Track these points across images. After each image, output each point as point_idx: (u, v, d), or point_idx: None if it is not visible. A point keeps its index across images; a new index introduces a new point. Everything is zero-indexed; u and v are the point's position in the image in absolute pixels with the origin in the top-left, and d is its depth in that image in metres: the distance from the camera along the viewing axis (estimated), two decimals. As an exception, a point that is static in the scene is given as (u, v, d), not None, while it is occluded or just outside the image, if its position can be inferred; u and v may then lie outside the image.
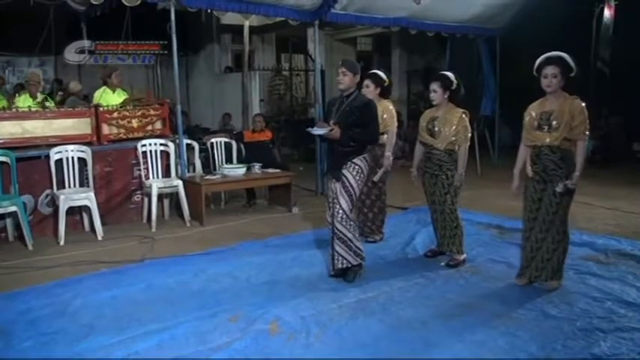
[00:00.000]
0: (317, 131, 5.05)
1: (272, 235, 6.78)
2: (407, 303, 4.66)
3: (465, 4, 9.99)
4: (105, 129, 7.30)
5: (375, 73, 6.32)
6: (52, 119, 6.98)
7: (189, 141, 8.23)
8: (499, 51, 11.70)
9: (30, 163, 6.74)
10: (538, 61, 4.71)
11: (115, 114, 7.43)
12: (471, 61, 11.96)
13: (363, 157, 5.07)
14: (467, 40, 11.54)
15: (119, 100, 7.92)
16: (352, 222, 5.06)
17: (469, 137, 5.51)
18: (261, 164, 7.94)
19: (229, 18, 10.73)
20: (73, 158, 6.85)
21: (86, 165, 6.97)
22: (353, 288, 4.93)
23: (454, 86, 5.47)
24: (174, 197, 7.70)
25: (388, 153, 6.20)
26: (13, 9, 8.60)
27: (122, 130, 7.47)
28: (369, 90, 6.20)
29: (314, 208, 7.79)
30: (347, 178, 5.00)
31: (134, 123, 7.57)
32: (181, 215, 7.44)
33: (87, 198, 6.71)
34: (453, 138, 5.42)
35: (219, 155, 8.48)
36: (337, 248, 5.03)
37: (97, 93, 8.03)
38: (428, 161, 5.64)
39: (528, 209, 4.92)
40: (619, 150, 11.82)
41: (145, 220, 7.44)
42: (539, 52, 4.77)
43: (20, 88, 8.89)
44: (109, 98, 7.89)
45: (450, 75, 5.54)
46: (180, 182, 7.38)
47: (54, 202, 6.75)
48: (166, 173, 7.67)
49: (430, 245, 6.05)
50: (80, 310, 4.58)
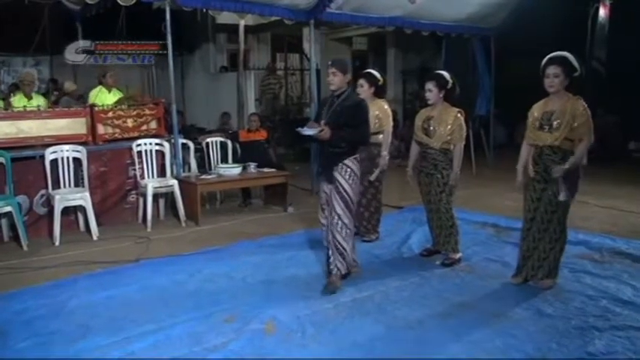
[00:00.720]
0: (307, 132, 4.92)
1: (267, 235, 6.78)
2: (402, 302, 4.67)
3: (460, 4, 9.99)
4: (100, 129, 7.28)
5: (369, 73, 6.33)
6: (47, 119, 6.96)
7: (184, 140, 8.22)
8: (494, 50, 11.71)
9: (25, 164, 6.72)
10: (543, 62, 4.72)
11: (110, 114, 7.42)
12: (466, 61, 11.96)
13: (354, 159, 4.99)
14: (462, 40, 11.54)
15: (115, 100, 7.91)
16: (349, 230, 4.97)
17: (464, 136, 5.52)
18: (256, 164, 7.93)
19: (225, 17, 10.71)
20: (68, 158, 6.84)
21: (81, 165, 6.95)
22: (348, 287, 4.93)
23: (449, 85, 5.47)
24: (169, 197, 7.68)
25: (385, 152, 6.21)
26: (8, 9, 8.59)
27: (117, 130, 7.45)
28: (363, 89, 6.20)
29: (310, 208, 7.78)
30: (340, 184, 4.91)
31: (129, 123, 7.55)
32: (177, 215, 7.43)
33: (82, 198, 6.70)
34: (449, 137, 5.42)
35: (214, 155, 8.47)
36: (332, 256, 4.97)
37: (93, 93, 8.03)
38: (423, 160, 5.64)
39: (527, 209, 4.93)
40: (615, 149, 11.84)
41: (141, 220, 7.43)
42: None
43: (15, 88, 8.85)
44: (105, 98, 7.88)
45: (446, 74, 5.54)
46: (175, 182, 7.36)
47: (49, 203, 6.74)
48: (162, 173, 7.65)
49: (426, 244, 6.05)
50: (76, 311, 4.58)
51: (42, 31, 10.88)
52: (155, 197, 7.44)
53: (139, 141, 7.43)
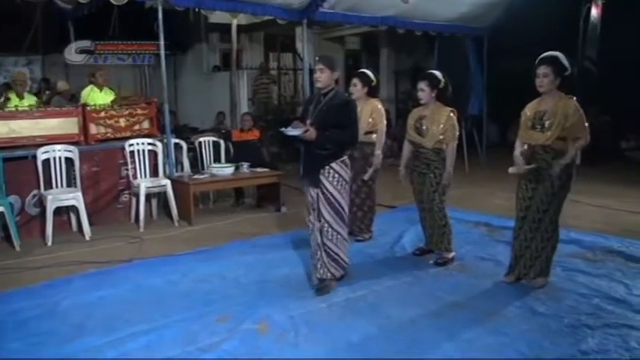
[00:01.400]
0: (291, 132, 4.71)
1: (261, 235, 6.77)
2: (396, 301, 4.67)
3: (453, 4, 10.01)
4: (92, 128, 7.26)
5: (363, 72, 6.34)
6: (39, 119, 6.94)
7: (177, 140, 8.21)
8: (486, 50, 11.74)
9: (17, 164, 6.70)
10: (536, 62, 4.74)
11: (103, 113, 7.40)
12: (459, 60, 11.98)
13: (342, 162, 4.80)
14: (455, 39, 11.57)
15: (107, 100, 7.89)
16: (341, 235, 4.86)
17: (457, 136, 5.52)
18: (249, 163, 7.92)
19: (217, 17, 10.68)
20: (61, 158, 6.82)
21: (73, 165, 6.93)
22: (342, 287, 4.92)
23: (442, 85, 5.48)
24: (162, 197, 7.66)
25: (378, 152, 6.21)
26: (0, 8, 8.55)
27: (109, 130, 7.44)
28: (357, 89, 6.22)
29: (303, 208, 7.73)
30: (327, 189, 4.73)
31: (122, 122, 7.54)
32: (169, 215, 7.42)
33: (74, 198, 6.68)
34: (441, 137, 5.43)
35: (207, 154, 8.46)
36: (324, 260, 4.85)
37: (85, 92, 8.01)
38: (416, 160, 5.64)
39: (519, 207, 4.95)
40: (607, 148, 11.87)
41: (133, 220, 7.41)
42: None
43: (6, 88, 8.81)
44: (96, 97, 7.86)
45: (438, 74, 5.55)
46: (168, 182, 7.35)
47: (41, 203, 6.72)
48: (154, 173, 7.64)
49: (419, 243, 6.05)
50: (69, 311, 4.57)
51: (34, 31, 10.84)
52: (148, 197, 7.42)
53: (132, 141, 7.41)
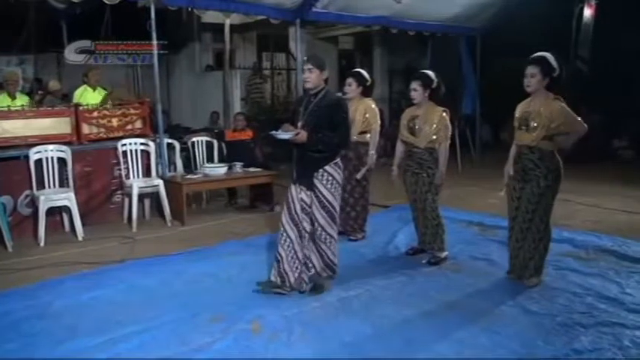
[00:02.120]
0: (281, 135, 4.61)
1: (254, 235, 6.77)
2: (389, 301, 4.67)
3: (446, 4, 10.03)
4: (85, 128, 7.24)
5: (358, 72, 6.35)
6: (32, 119, 6.91)
7: (170, 140, 8.19)
8: (479, 50, 11.77)
9: (9, 164, 6.67)
10: None
11: (95, 113, 7.38)
12: (452, 60, 12.02)
13: (335, 164, 4.72)
14: (448, 39, 11.59)
15: (100, 99, 7.86)
16: (334, 239, 4.84)
17: (450, 136, 5.53)
18: (242, 163, 7.91)
19: (210, 16, 10.68)
20: (53, 158, 6.79)
21: (66, 165, 6.90)
22: (335, 287, 4.91)
23: (434, 85, 5.48)
24: (155, 197, 7.64)
25: (372, 152, 6.22)
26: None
27: (102, 130, 7.42)
28: (352, 88, 6.23)
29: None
30: (322, 193, 4.67)
31: (114, 122, 7.52)
32: (162, 215, 7.40)
33: (67, 198, 6.65)
34: (434, 136, 5.43)
35: (200, 154, 8.45)
36: (315, 264, 4.84)
37: (77, 92, 7.98)
38: (409, 159, 5.65)
39: (510, 208, 4.99)
40: (599, 147, 11.91)
41: (126, 221, 7.40)
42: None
43: (-1, 88, 8.78)
44: (89, 97, 7.83)
45: (431, 74, 5.55)
46: (160, 182, 7.34)
47: (33, 203, 6.69)
48: (147, 173, 7.62)
49: (412, 243, 6.05)
50: (62, 312, 4.55)
51: (27, 30, 10.78)
52: (140, 197, 7.39)
53: (124, 141, 7.40)
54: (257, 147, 9.06)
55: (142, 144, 7.52)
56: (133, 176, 7.42)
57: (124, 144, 7.38)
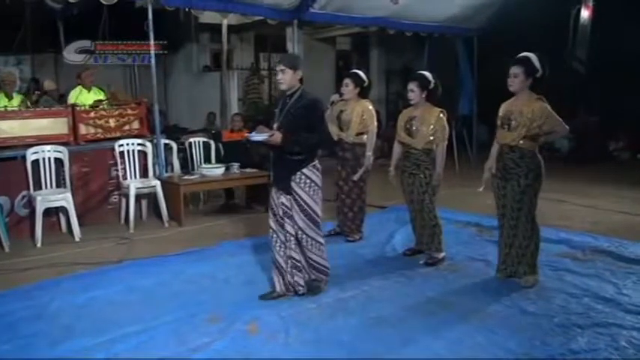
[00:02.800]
0: (255, 137, 4.48)
1: (251, 235, 6.76)
2: (386, 302, 4.68)
3: (443, 5, 10.04)
4: (82, 129, 7.23)
5: (356, 73, 6.34)
6: (29, 119, 6.90)
7: (167, 141, 8.18)
8: (477, 51, 11.77)
9: (6, 164, 6.67)
10: None
11: (92, 114, 7.37)
12: (449, 61, 12.02)
13: (313, 166, 4.56)
14: (445, 40, 11.60)
15: (95, 100, 7.84)
16: (318, 241, 4.67)
17: (447, 136, 5.54)
18: (239, 164, 7.90)
19: (207, 17, 10.67)
20: (50, 159, 6.78)
21: (63, 165, 6.90)
22: (332, 287, 4.92)
23: (432, 86, 5.49)
24: (152, 198, 7.62)
25: (369, 153, 6.22)
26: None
27: (99, 130, 7.40)
28: (349, 89, 6.23)
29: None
30: (300, 197, 4.51)
31: (111, 123, 7.50)
32: (159, 216, 7.40)
33: (64, 199, 6.64)
34: (431, 137, 5.44)
35: (197, 155, 8.44)
36: (307, 270, 4.74)
37: (73, 93, 7.95)
38: (406, 160, 5.65)
39: (497, 206, 5.04)
40: (595, 149, 11.94)
41: (123, 221, 7.39)
42: (516, 52, 4.82)
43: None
44: (85, 98, 7.81)
45: (428, 75, 5.56)
46: (158, 182, 7.33)
47: (30, 204, 6.68)
48: (144, 173, 7.61)
49: (409, 244, 6.06)
50: (59, 313, 4.55)
51: (24, 31, 10.76)
52: (138, 198, 7.38)
53: (122, 141, 7.39)
54: (254, 148, 9.05)
55: (139, 144, 7.51)
56: (131, 177, 7.40)
57: (121, 144, 7.37)
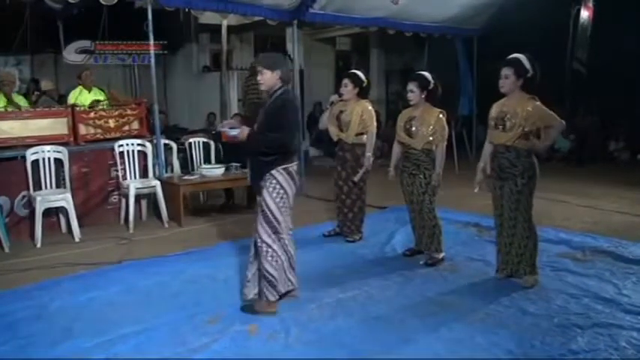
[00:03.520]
0: (231, 132, 4.47)
1: (251, 236, 6.73)
2: (386, 302, 4.68)
3: (443, 5, 10.04)
4: (82, 129, 7.23)
5: (354, 73, 6.34)
6: (29, 119, 6.90)
7: (167, 141, 8.18)
8: (477, 51, 11.78)
9: (6, 165, 6.67)
10: None
11: (92, 114, 7.37)
12: (449, 62, 12.02)
13: (285, 170, 4.35)
14: (445, 41, 11.60)
15: (95, 100, 7.84)
16: (276, 253, 4.38)
17: (446, 137, 5.54)
18: (239, 164, 7.90)
19: (207, 17, 10.66)
20: (50, 159, 6.78)
21: (63, 166, 6.90)
22: (332, 287, 4.93)
23: (431, 86, 5.49)
24: (152, 198, 7.64)
25: (369, 153, 6.21)
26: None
27: (99, 131, 7.40)
28: (348, 89, 6.22)
29: (294, 209, 7.76)
30: (265, 200, 4.34)
31: (111, 123, 7.50)
32: (159, 216, 7.40)
33: (64, 199, 6.64)
34: (431, 138, 5.44)
35: (197, 155, 8.44)
36: (260, 282, 4.45)
37: (73, 93, 7.95)
38: (406, 161, 5.65)
39: (494, 206, 5.06)
40: (595, 150, 11.93)
41: (123, 222, 7.39)
42: (516, 53, 4.82)
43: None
44: (85, 98, 7.81)
45: (427, 75, 5.56)
46: (157, 183, 7.33)
47: (30, 204, 6.67)
48: (144, 174, 7.61)
49: (409, 244, 6.06)
50: (58, 313, 4.55)
51: (23, 31, 10.75)
52: (137, 198, 7.38)
53: (121, 141, 7.39)
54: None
55: (139, 145, 7.51)
56: (130, 177, 7.40)
57: (121, 145, 7.37)
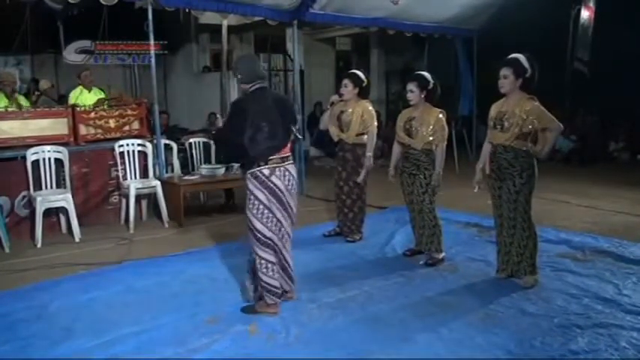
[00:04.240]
0: None
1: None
2: (386, 302, 4.67)
3: (443, 5, 10.04)
4: (82, 129, 7.23)
5: (354, 73, 6.32)
6: (29, 119, 6.90)
7: (167, 141, 8.18)
8: (476, 51, 11.78)
9: (6, 165, 6.67)
10: None
11: (92, 114, 7.36)
12: (449, 62, 12.03)
13: (251, 174, 4.38)
14: (445, 41, 11.61)
15: (95, 100, 7.84)
16: (265, 260, 4.33)
17: (446, 137, 5.54)
18: (239, 164, 7.87)
19: (207, 17, 10.67)
20: (50, 159, 6.78)
21: (63, 166, 6.90)
22: (332, 287, 4.92)
23: (431, 86, 5.49)
24: (152, 198, 7.64)
25: (369, 153, 6.20)
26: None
27: (99, 131, 7.40)
28: (348, 90, 6.21)
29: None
30: (245, 211, 4.41)
31: (111, 123, 7.50)
32: (159, 216, 7.40)
33: (64, 199, 6.64)
34: (431, 138, 5.44)
35: (197, 155, 8.44)
36: (257, 289, 4.46)
37: (73, 93, 7.96)
38: (406, 161, 5.65)
39: (494, 206, 5.07)
40: (596, 150, 11.93)
41: (123, 222, 7.40)
42: (516, 53, 4.83)
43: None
44: (85, 98, 7.82)
45: (427, 75, 5.56)
46: (158, 183, 7.32)
47: (31, 204, 6.67)
48: (144, 174, 7.61)
49: (409, 244, 6.06)
50: (58, 314, 4.54)
51: (23, 31, 10.76)
52: (138, 198, 7.38)
53: (122, 142, 7.38)
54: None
55: (139, 145, 7.50)
56: (131, 177, 7.40)
57: (121, 145, 7.36)
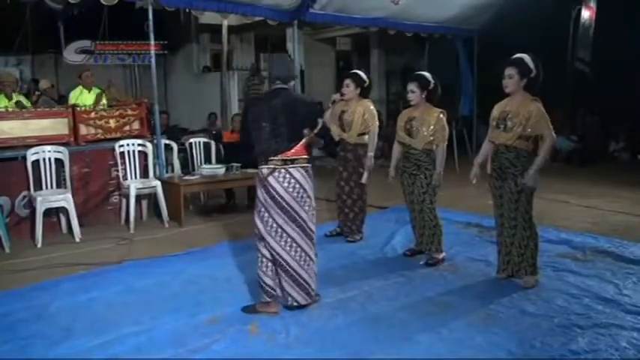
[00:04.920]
0: None
1: (251, 236, 6.69)
2: (386, 302, 4.67)
3: (443, 5, 10.05)
4: (82, 129, 7.23)
5: (356, 73, 6.32)
6: (29, 120, 6.90)
7: (167, 141, 8.18)
8: (477, 51, 11.78)
9: (6, 165, 6.67)
10: None
11: (93, 114, 7.36)
12: (450, 62, 12.03)
13: (256, 173, 4.67)
14: (445, 41, 11.61)
15: (94, 98, 7.85)
16: (262, 255, 4.53)
17: (447, 137, 5.54)
18: (240, 164, 7.89)
19: (207, 17, 10.69)
20: (50, 159, 6.78)
21: (63, 166, 6.89)
22: (332, 287, 4.91)
23: (431, 86, 5.48)
24: (152, 198, 7.64)
25: (371, 153, 6.19)
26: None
27: (100, 131, 7.40)
28: (350, 89, 6.21)
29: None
30: None
31: (112, 123, 7.50)
32: (160, 216, 7.39)
33: (64, 199, 6.64)
34: (431, 138, 5.44)
35: (198, 155, 8.44)
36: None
37: (74, 93, 7.96)
38: (406, 161, 5.65)
39: (495, 206, 5.07)
40: (596, 150, 11.93)
41: (123, 222, 7.39)
42: (517, 53, 4.82)
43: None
44: (85, 98, 7.82)
45: (427, 75, 5.56)
46: (158, 183, 7.32)
47: (31, 204, 6.67)
48: (144, 174, 7.60)
49: (409, 244, 6.05)
50: (58, 313, 4.54)
51: (24, 31, 10.77)
52: (138, 198, 7.38)
53: (122, 142, 7.38)
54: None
55: (140, 145, 7.50)
56: (131, 177, 7.40)
57: (122, 145, 7.36)
